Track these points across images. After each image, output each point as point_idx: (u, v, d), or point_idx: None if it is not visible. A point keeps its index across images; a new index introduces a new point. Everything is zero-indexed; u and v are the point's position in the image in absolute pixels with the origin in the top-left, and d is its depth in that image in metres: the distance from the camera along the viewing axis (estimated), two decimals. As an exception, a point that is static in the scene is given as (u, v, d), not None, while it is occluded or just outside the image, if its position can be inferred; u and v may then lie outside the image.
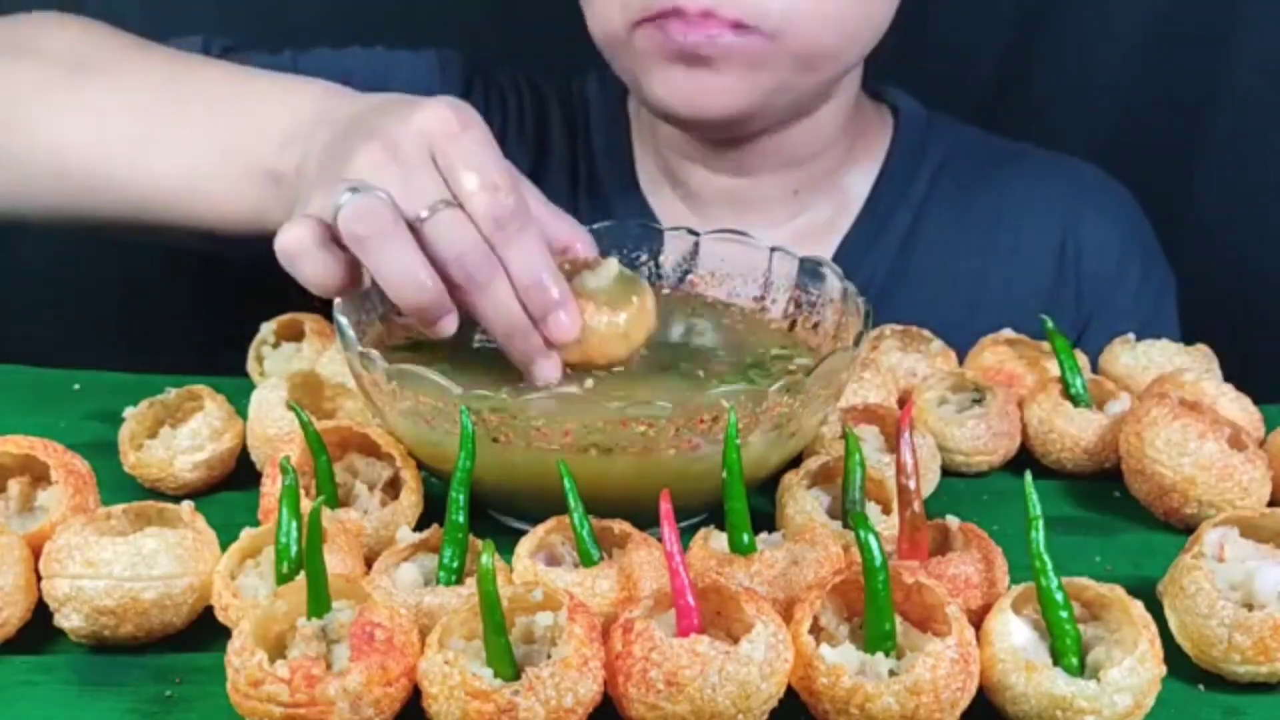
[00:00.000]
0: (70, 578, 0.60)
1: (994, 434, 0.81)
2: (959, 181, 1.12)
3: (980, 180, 1.12)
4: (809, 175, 1.08)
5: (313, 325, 0.89)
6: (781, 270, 0.85)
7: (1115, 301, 1.10)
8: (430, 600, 0.60)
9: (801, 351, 0.81)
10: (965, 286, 1.09)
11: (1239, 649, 0.60)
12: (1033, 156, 1.16)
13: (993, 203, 1.11)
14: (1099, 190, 1.14)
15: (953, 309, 1.05)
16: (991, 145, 1.16)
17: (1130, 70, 1.36)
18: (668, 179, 1.10)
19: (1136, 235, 1.14)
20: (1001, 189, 1.12)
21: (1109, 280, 1.11)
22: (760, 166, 1.06)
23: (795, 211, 1.09)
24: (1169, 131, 1.36)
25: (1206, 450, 0.72)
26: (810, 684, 0.56)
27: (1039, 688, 0.56)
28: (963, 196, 1.11)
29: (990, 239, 1.10)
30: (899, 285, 1.08)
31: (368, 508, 0.70)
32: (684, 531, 0.62)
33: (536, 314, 0.71)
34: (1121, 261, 1.11)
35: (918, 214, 1.10)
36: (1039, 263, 1.10)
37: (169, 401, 0.78)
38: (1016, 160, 1.15)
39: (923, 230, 1.10)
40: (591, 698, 0.55)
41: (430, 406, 0.67)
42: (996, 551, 0.65)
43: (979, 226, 1.10)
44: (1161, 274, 1.14)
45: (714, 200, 1.08)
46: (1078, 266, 1.10)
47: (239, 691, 0.54)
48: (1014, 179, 1.12)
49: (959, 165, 1.12)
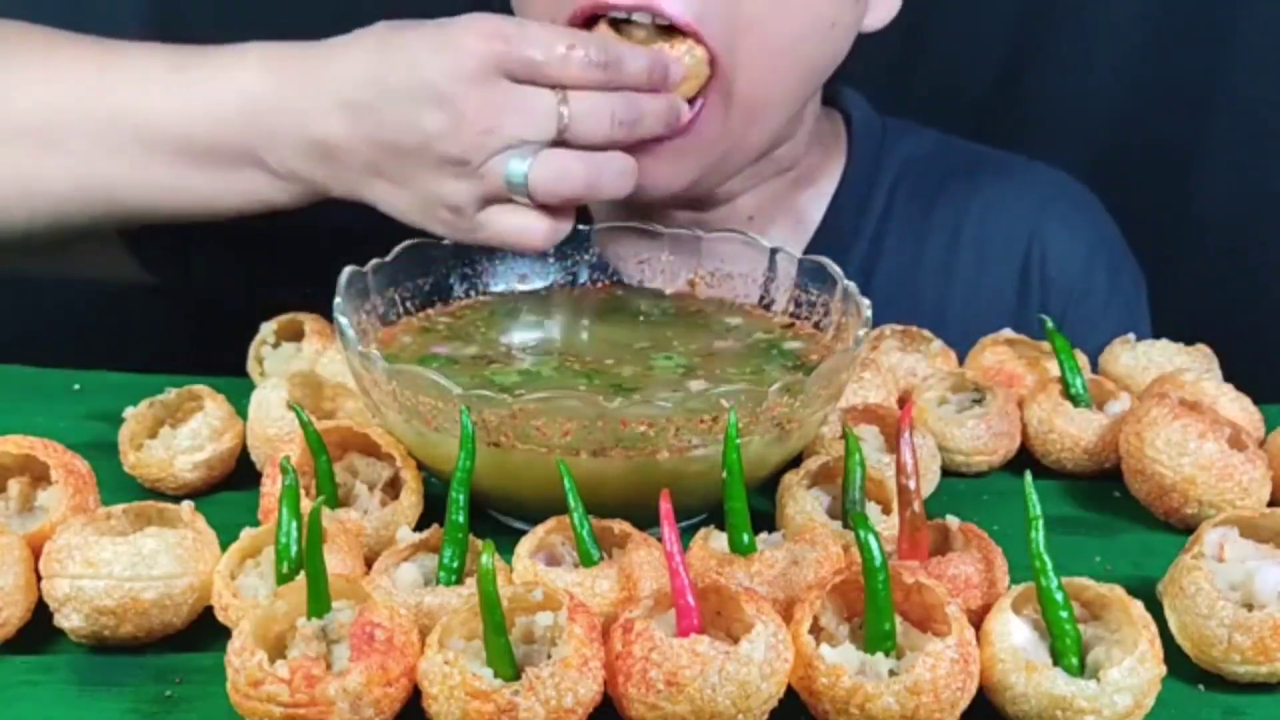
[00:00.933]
0: (70, 578, 0.60)
1: (994, 434, 0.81)
2: (916, 195, 1.07)
3: (939, 193, 1.08)
4: (761, 200, 1.02)
5: (313, 325, 0.89)
6: (782, 270, 0.85)
7: (1085, 312, 1.07)
8: (430, 600, 0.60)
9: (801, 352, 0.81)
10: (927, 306, 1.04)
11: (1239, 649, 0.60)
12: (994, 162, 1.12)
13: (952, 217, 1.07)
14: (1062, 199, 1.10)
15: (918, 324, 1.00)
16: (951, 153, 1.11)
17: (1130, 70, 1.36)
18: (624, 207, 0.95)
19: (1102, 242, 1.10)
20: (961, 202, 1.08)
21: (1077, 292, 1.07)
22: (710, 203, 1.00)
23: None
24: (1169, 131, 1.36)
25: (1206, 450, 0.72)
26: (810, 684, 0.56)
27: (1039, 688, 0.56)
28: (920, 212, 1.07)
29: (950, 256, 1.06)
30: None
31: (368, 508, 0.70)
32: (684, 531, 0.62)
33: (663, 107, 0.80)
34: (1087, 273, 1.08)
35: (875, 235, 1.06)
36: (1003, 278, 1.07)
37: (169, 401, 0.78)
38: (976, 170, 1.10)
39: (881, 251, 1.06)
40: (591, 698, 0.55)
41: (430, 406, 0.67)
42: (996, 551, 0.65)
43: (938, 245, 1.07)
44: (1130, 278, 1.11)
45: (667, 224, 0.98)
46: (1043, 278, 1.07)
47: (239, 691, 0.54)
48: (974, 191, 1.08)
49: (917, 178, 1.08)
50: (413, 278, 0.83)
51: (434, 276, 0.84)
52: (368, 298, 0.79)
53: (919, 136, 1.11)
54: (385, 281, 0.81)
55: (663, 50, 0.81)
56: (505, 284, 0.87)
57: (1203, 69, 1.34)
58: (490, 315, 0.84)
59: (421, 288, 0.84)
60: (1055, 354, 0.82)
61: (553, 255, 0.87)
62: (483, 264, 0.86)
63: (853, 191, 1.06)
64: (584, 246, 0.88)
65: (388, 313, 0.81)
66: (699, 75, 0.83)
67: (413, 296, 0.83)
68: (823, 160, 1.07)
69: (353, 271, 0.77)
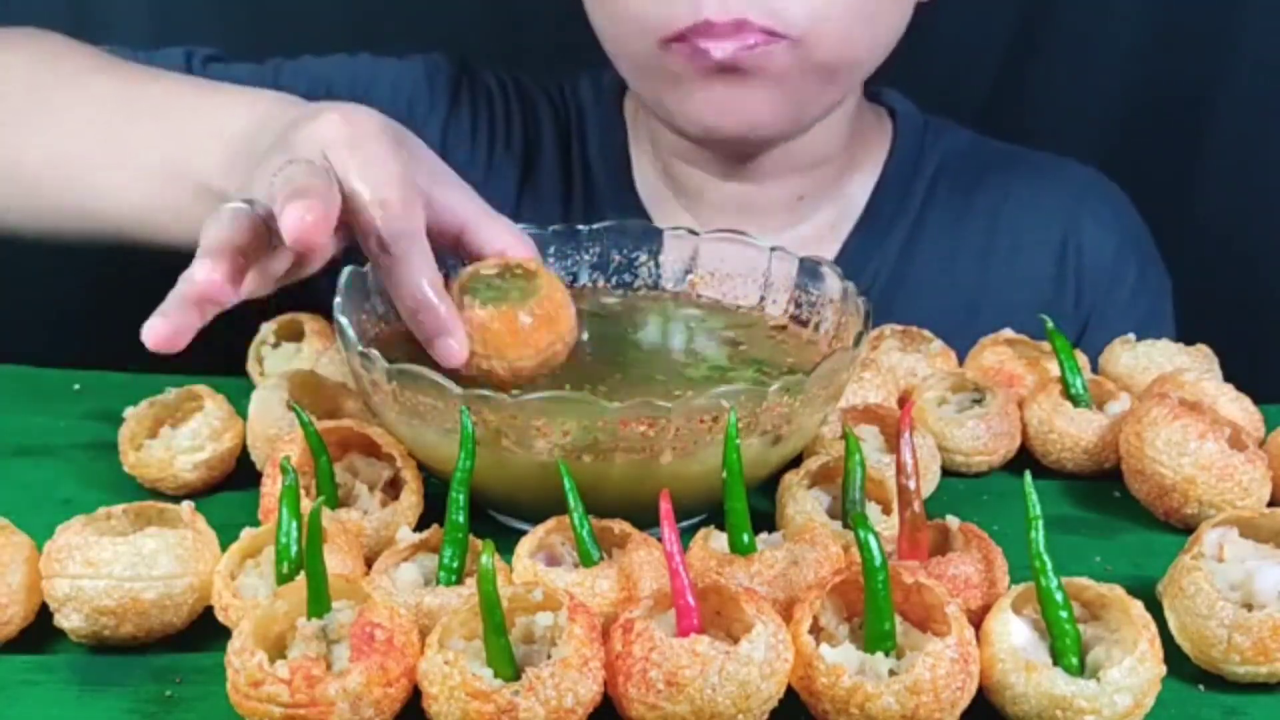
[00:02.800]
0: (70, 578, 0.60)
1: (994, 434, 0.81)
2: (957, 185, 1.12)
3: (978, 184, 1.12)
4: (814, 181, 1.08)
5: (313, 325, 0.89)
6: (781, 270, 0.84)
7: (1113, 301, 1.10)
8: (430, 600, 0.60)
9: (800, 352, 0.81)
10: (965, 290, 1.09)
11: (1238, 649, 0.60)
12: (1029, 159, 1.16)
13: (991, 206, 1.11)
14: (1096, 192, 1.14)
15: (953, 313, 1.05)
16: (988, 148, 1.16)
17: (1130, 70, 1.36)
18: (669, 185, 1.09)
19: (1133, 236, 1.14)
20: (999, 192, 1.12)
21: (1106, 280, 1.11)
22: (770, 173, 1.06)
23: (798, 219, 1.09)
24: (1169, 131, 1.36)
25: (1206, 450, 0.72)
26: (810, 684, 0.56)
27: (1039, 688, 0.56)
28: (961, 200, 1.11)
29: (989, 242, 1.10)
30: (899, 290, 1.08)
31: (368, 508, 0.70)
32: (684, 531, 0.62)
33: (422, 336, 0.71)
34: (1118, 261, 1.11)
35: (917, 219, 1.10)
36: (1038, 265, 1.10)
37: (169, 401, 0.78)
38: (1013, 163, 1.15)
39: (922, 235, 1.10)
40: (591, 698, 0.55)
41: (430, 406, 0.67)
42: (996, 551, 0.65)
43: (978, 230, 1.11)
44: (1158, 276, 1.14)
45: (718, 206, 1.07)
46: (1077, 267, 1.10)
47: (239, 692, 0.54)
48: (1012, 182, 1.13)
49: (957, 169, 1.12)
50: (413, 278, 0.83)
51: (434, 276, 0.84)
52: (368, 298, 0.79)
53: (959, 133, 1.16)
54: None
55: (456, 325, 0.71)
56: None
57: (1203, 69, 1.34)
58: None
59: (421, 288, 0.84)
60: (1055, 354, 0.82)
61: (553, 255, 0.87)
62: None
63: (896, 177, 1.10)
64: (584, 246, 0.88)
65: (388, 313, 0.81)
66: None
67: (413, 296, 0.83)
68: (868, 150, 1.11)
69: (353, 271, 0.77)
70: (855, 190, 1.10)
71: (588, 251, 0.88)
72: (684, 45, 0.90)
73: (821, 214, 1.10)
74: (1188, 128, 1.36)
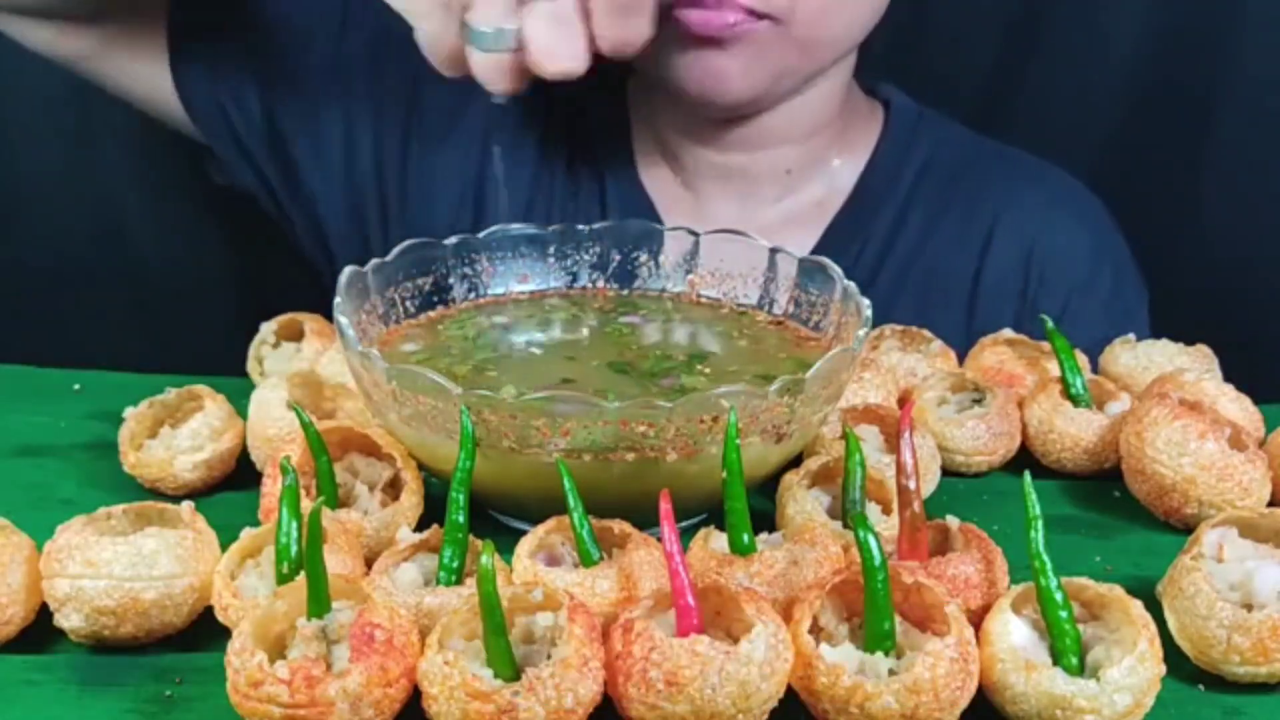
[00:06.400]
0: (70, 578, 0.60)
1: (994, 434, 0.81)
2: (943, 177, 1.14)
3: (962, 178, 1.14)
4: (801, 155, 1.10)
5: (313, 325, 0.89)
6: (781, 270, 0.85)
7: (1084, 310, 1.11)
8: (430, 600, 0.60)
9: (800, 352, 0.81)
10: (943, 278, 1.11)
11: (1238, 650, 0.60)
12: (1014, 160, 1.17)
13: (970, 200, 1.13)
14: (1074, 201, 1.16)
15: (930, 299, 1.09)
16: (979, 146, 1.17)
17: (1130, 70, 1.36)
18: (664, 156, 1.12)
19: (1108, 248, 1.15)
20: (980, 187, 1.14)
21: (1079, 288, 1.12)
22: (759, 143, 1.08)
23: (786, 192, 1.12)
24: (1170, 132, 1.36)
25: (1206, 450, 0.72)
26: (810, 684, 0.56)
27: (1039, 687, 0.56)
28: (945, 192, 1.13)
29: (965, 233, 1.12)
30: (881, 273, 1.11)
31: (368, 508, 0.70)
32: (684, 531, 0.62)
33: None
34: (1092, 272, 1.13)
35: (903, 206, 1.12)
36: (1009, 264, 1.12)
37: (169, 401, 0.78)
38: (998, 162, 1.17)
39: (907, 222, 1.12)
40: (591, 698, 0.55)
41: (430, 406, 0.67)
42: (996, 551, 0.65)
43: (957, 222, 1.13)
44: (1133, 289, 1.15)
45: (709, 176, 1.10)
46: (1044, 272, 1.12)
47: (239, 692, 0.54)
48: (994, 179, 1.15)
49: (945, 161, 1.14)
50: (413, 278, 0.83)
51: (434, 276, 0.84)
52: (368, 298, 0.79)
53: (952, 127, 1.18)
54: (385, 281, 0.81)
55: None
56: (505, 285, 0.87)
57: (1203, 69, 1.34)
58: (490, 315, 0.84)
59: (421, 288, 0.84)
60: (1055, 354, 0.83)
61: (553, 255, 0.87)
62: (483, 264, 0.86)
63: (885, 162, 1.13)
64: (584, 246, 0.88)
65: (388, 313, 0.81)
66: None
67: (413, 296, 0.83)
68: (859, 133, 1.14)
69: (353, 271, 0.77)
70: (843, 172, 1.13)
71: (588, 251, 0.89)
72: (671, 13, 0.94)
73: (810, 189, 1.12)
74: (1188, 128, 1.36)
